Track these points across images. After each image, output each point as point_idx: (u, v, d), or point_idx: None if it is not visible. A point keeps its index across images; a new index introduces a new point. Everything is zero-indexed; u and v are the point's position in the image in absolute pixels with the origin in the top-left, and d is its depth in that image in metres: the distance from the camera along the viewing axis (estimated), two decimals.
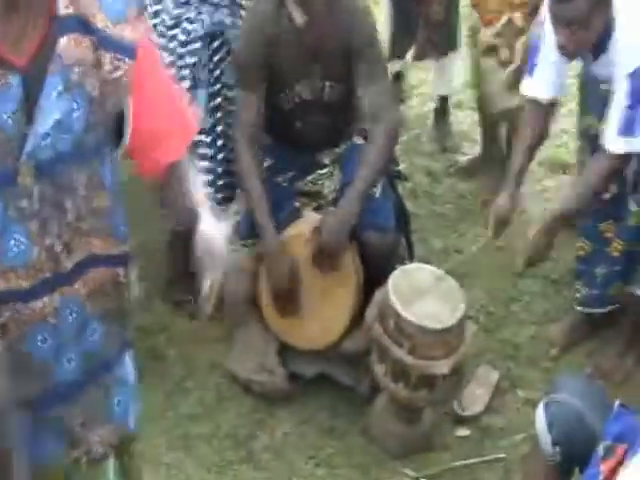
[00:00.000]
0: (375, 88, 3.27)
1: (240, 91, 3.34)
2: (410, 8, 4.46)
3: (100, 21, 1.84)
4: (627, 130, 3.07)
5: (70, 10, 1.81)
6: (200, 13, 3.45)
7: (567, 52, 3.09)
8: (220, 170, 3.55)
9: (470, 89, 4.73)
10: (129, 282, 2.05)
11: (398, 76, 4.87)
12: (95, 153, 1.90)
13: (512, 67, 4.08)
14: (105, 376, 2.07)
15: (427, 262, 3.90)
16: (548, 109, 3.45)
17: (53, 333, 1.92)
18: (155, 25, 3.45)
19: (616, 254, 3.45)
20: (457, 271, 3.97)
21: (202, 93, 3.45)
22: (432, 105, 4.99)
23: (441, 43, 4.53)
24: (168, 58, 3.42)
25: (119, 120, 1.94)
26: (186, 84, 3.40)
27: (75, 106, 1.82)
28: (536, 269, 4.04)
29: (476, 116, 4.62)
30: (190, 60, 3.44)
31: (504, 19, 4.06)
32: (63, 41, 1.80)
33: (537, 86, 3.35)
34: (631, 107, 3.04)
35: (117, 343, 2.07)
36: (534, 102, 3.38)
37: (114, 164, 1.98)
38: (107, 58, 1.85)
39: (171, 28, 3.45)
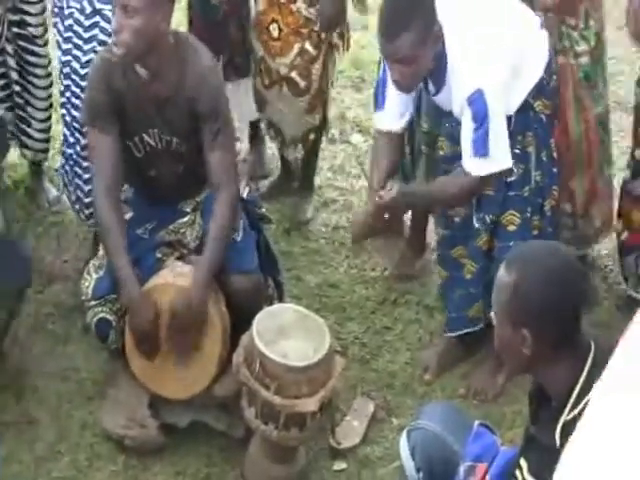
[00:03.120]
0: (219, 155, 3.28)
1: (91, 131, 3.32)
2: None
3: None
4: (481, 151, 3.17)
5: None
6: None
7: (401, 86, 3.18)
8: None
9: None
10: None
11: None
12: None
13: (312, 92, 4.18)
14: None
15: (301, 300, 3.97)
16: (401, 137, 3.54)
17: None
18: (95, 35, 3.62)
19: (469, 276, 3.53)
20: (331, 305, 4.05)
21: None
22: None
23: (242, 65, 4.44)
24: None
25: None
26: None
27: None
28: (410, 296, 4.13)
29: None
30: None
31: (296, 49, 4.12)
32: None
33: (388, 118, 3.44)
34: (478, 129, 3.14)
35: None
36: (387, 133, 3.45)
37: None
38: None
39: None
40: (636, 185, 3.80)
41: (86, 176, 3.70)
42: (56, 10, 3.83)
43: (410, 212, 4.03)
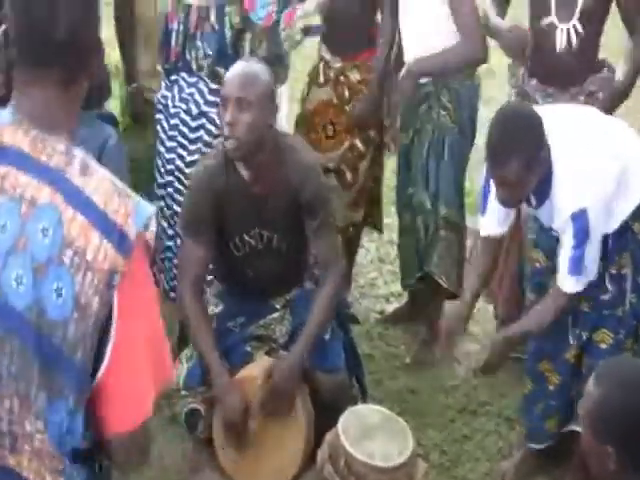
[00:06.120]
0: (324, 242, 3.41)
1: (185, 239, 3.44)
2: None
3: None
4: (576, 269, 3.22)
5: None
6: None
7: (506, 205, 3.28)
8: None
9: None
10: None
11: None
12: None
13: (357, 187, 4.41)
14: None
15: (382, 403, 3.99)
16: (500, 242, 3.62)
17: None
18: (200, 137, 3.84)
19: (551, 387, 3.53)
20: (411, 411, 4.08)
21: None
22: (390, 250, 5.14)
23: None
24: None
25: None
26: None
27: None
28: (490, 407, 4.15)
29: None
30: None
31: (346, 144, 4.35)
32: None
33: (489, 225, 3.52)
34: (577, 247, 3.19)
35: None
36: (487, 237, 3.55)
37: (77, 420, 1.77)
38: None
39: (218, 136, 3.63)
40: None
41: None
42: (160, 107, 4.01)
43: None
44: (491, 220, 3.49)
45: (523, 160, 3.07)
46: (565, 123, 3.29)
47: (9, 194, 1.72)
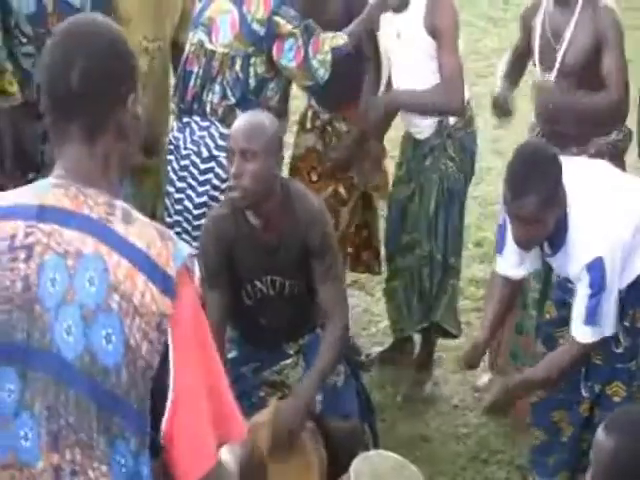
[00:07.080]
0: (329, 286, 3.43)
1: (203, 291, 3.46)
2: None
3: None
4: (592, 319, 3.20)
5: None
6: None
7: (521, 244, 3.24)
8: None
9: None
10: None
11: None
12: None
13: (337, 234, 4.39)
14: None
15: (394, 450, 3.98)
16: (517, 284, 3.59)
17: None
18: (209, 179, 3.89)
19: (564, 439, 3.51)
20: (423, 459, 4.07)
21: None
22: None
23: None
24: None
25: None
26: None
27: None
28: (502, 455, 4.14)
29: None
30: None
31: (329, 190, 4.41)
32: None
33: (506, 265, 3.49)
34: (592, 296, 3.17)
35: None
36: (504, 277, 3.52)
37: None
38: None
39: (226, 180, 3.65)
40: None
41: None
42: (171, 147, 4.08)
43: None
44: (509, 261, 3.46)
45: (542, 194, 3.08)
46: (581, 173, 3.31)
47: (55, 251, 1.77)
